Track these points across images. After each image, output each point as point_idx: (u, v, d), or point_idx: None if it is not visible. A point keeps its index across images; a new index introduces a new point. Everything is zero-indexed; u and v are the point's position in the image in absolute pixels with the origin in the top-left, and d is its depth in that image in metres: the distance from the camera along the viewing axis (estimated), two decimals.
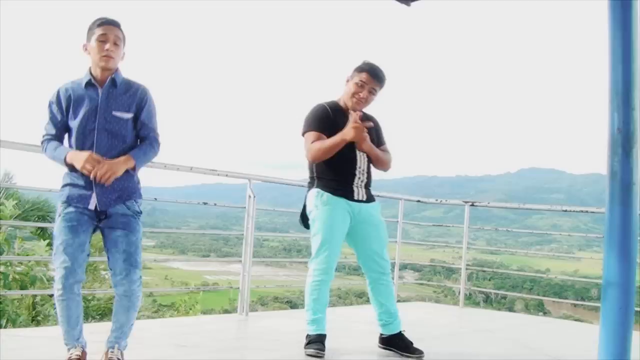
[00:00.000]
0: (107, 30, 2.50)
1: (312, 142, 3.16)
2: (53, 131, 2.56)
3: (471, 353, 3.56)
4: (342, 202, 3.17)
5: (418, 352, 3.17)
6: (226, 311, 12.83)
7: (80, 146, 2.48)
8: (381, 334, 3.34)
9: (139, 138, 2.61)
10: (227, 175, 4.39)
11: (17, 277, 7.33)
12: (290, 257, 29.86)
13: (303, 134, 3.24)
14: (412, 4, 2.51)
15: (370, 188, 3.33)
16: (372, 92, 3.24)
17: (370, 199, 3.29)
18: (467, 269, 5.82)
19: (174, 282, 30.35)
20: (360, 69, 3.23)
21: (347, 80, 3.27)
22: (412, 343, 3.23)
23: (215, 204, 4.43)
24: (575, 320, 9.88)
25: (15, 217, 9.49)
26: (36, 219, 10.96)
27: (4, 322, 6.54)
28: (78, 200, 2.47)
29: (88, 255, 2.51)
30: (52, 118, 2.55)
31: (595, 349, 1.41)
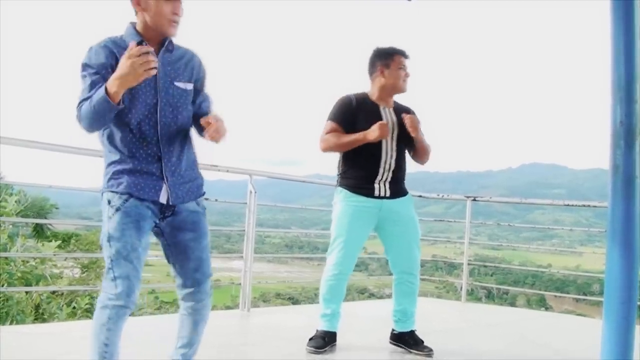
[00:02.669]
0: None
1: (327, 133, 3.15)
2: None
3: (476, 349, 3.56)
4: (360, 199, 3.13)
5: (427, 350, 3.16)
6: (228, 307, 12.85)
7: (138, 125, 1.96)
8: (393, 330, 3.33)
9: (199, 114, 2.12)
10: (227, 171, 4.38)
11: (19, 274, 7.35)
12: (292, 254, 29.87)
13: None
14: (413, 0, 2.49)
15: (403, 182, 3.28)
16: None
17: (396, 194, 3.20)
18: (469, 264, 5.81)
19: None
20: (389, 55, 3.20)
21: (381, 72, 3.19)
22: (422, 341, 3.22)
23: (216, 200, 4.41)
24: (578, 315, 9.87)
25: (17, 214, 9.50)
26: (36, 216, 10.97)
27: (8, 321, 6.55)
28: (144, 191, 1.95)
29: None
30: (93, 85, 1.91)
31: (599, 343, 1.41)
